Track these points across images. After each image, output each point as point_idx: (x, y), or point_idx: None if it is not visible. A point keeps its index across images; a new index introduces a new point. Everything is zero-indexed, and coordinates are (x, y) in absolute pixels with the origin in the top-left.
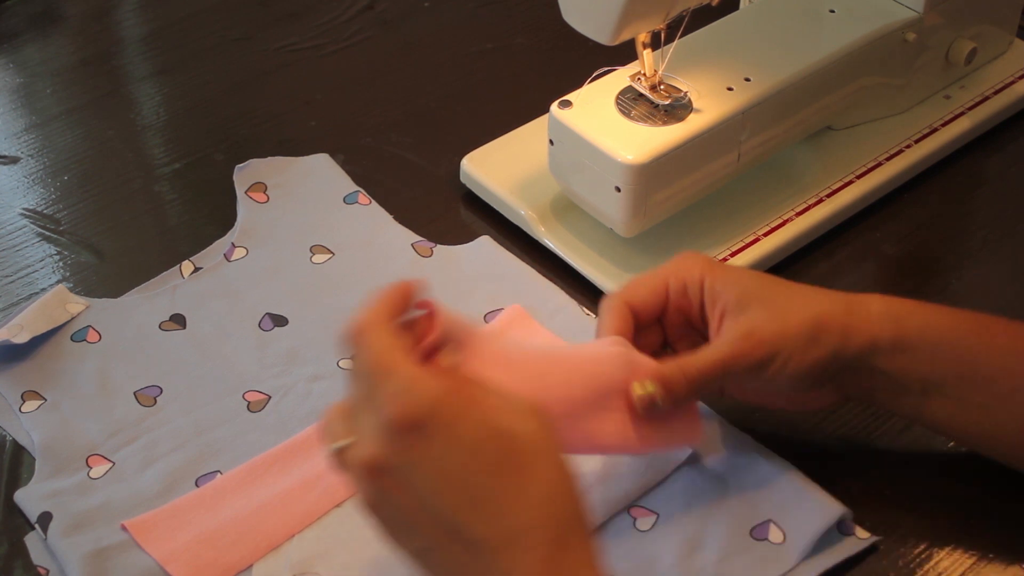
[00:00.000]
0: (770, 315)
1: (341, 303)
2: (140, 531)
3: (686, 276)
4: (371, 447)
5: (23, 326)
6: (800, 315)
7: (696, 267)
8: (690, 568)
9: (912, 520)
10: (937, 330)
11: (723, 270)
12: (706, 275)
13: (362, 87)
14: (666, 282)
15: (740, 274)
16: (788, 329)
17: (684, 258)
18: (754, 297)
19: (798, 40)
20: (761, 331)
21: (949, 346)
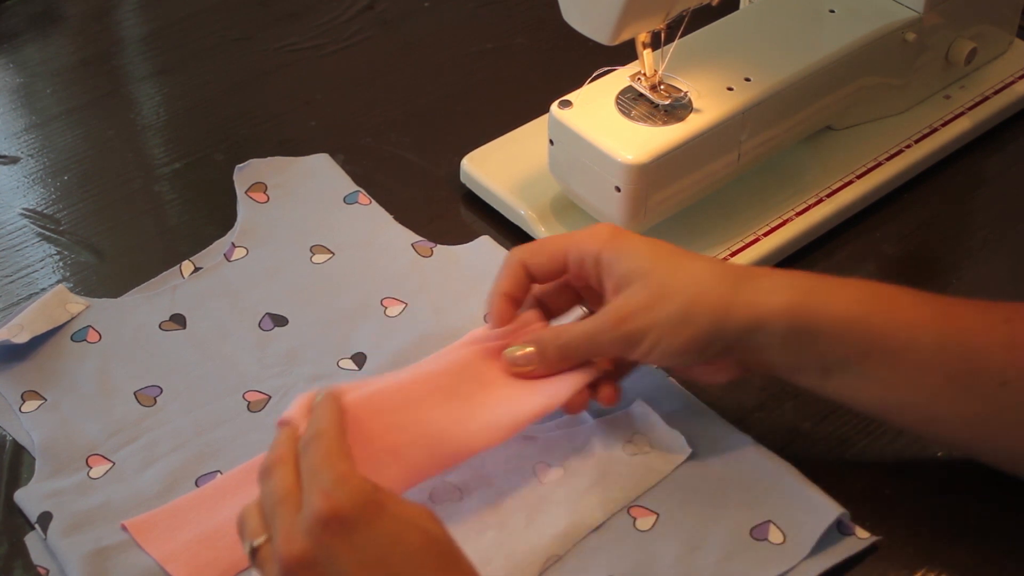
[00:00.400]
0: (645, 293)
1: (341, 303)
2: (140, 531)
3: (584, 249)
4: (298, 541)
5: (23, 326)
6: (674, 294)
7: (595, 242)
8: (690, 568)
9: (912, 520)
10: (833, 311)
11: (619, 244)
12: (603, 250)
13: (362, 87)
14: (566, 252)
15: (634, 248)
16: (657, 309)
17: (591, 231)
18: (638, 273)
19: (798, 40)
20: (630, 309)
21: (850, 326)
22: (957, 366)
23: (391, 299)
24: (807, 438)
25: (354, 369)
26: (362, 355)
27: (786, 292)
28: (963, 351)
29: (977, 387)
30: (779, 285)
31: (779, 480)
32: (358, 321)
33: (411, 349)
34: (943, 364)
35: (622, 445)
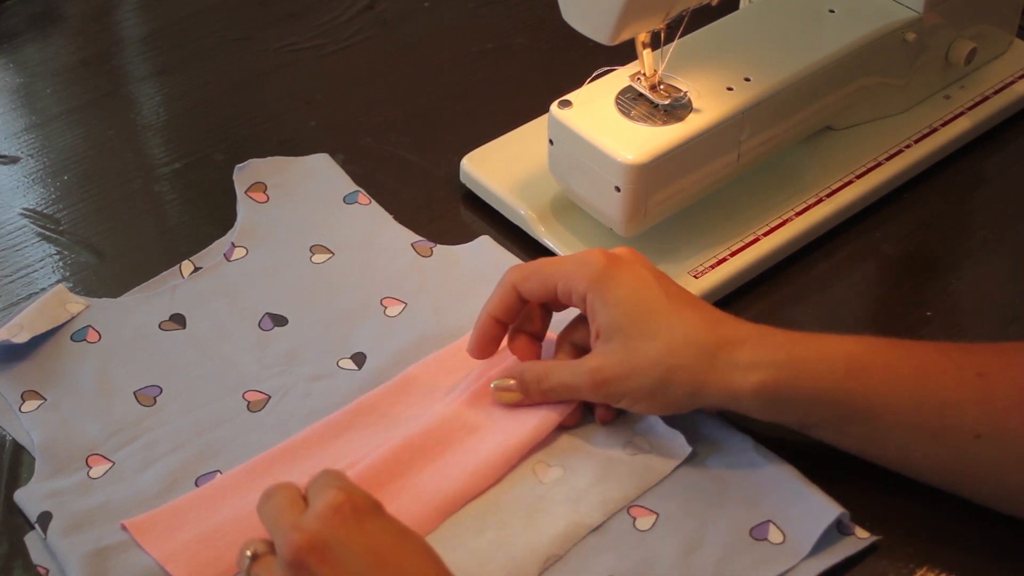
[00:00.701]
0: (622, 356)
1: (341, 303)
2: (140, 531)
3: (572, 286)
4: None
5: (23, 326)
6: (649, 367)
7: (583, 281)
8: (690, 568)
9: (912, 520)
10: (810, 380)
11: (605, 290)
12: (589, 292)
13: (362, 87)
14: (555, 282)
15: (618, 297)
16: (633, 378)
17: (581, 263)
18: (618, 330)
19: (798, 40)
20: (608, 371)
21: (822, 394)
22: (932, 423)
23: (391, 299)
24: (807, 438)
25: (354, 369)
26: (362, 355)
27: (760, 371)
28: (938, 408)
29: (952, 441)
30: (754, 362)
31: (779, 480)
32: (358, 321)
33: (411, 349)
34: (918, 422)
35: (622, 445)
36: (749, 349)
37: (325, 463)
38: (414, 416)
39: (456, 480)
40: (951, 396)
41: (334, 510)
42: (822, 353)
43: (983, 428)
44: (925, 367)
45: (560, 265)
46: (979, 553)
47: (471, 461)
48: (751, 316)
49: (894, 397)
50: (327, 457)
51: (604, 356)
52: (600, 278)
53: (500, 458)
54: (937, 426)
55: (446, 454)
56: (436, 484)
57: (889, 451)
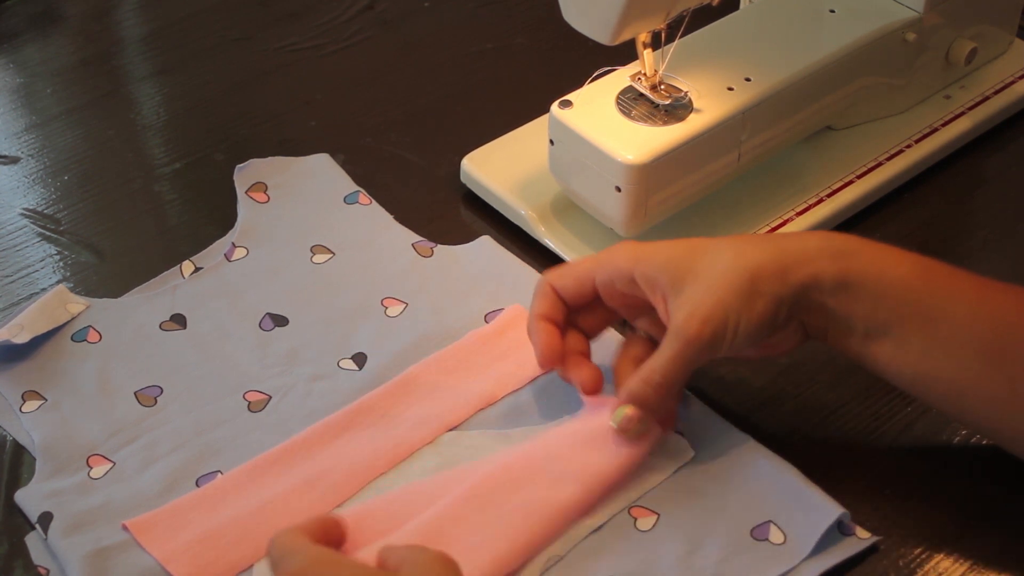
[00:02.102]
0: (704, 288)
1: (341, 303)
2: (141, 531)
3: (612, 272)
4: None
5: (23, 326)
6: (733, 275)
7: (622, 261)
8: (690, 568)
9: (912, 520)
10: (879, 270)
11: (648, 256)
12: (634, 268)
13: (362, 87)
14: (592, 276)
15: (666, 253)
16: (726, 295)
17: (611, 253)
18: (685, 273)
19: (798, 40)
20: (701, 309)
21: (891, 287)
22: (988, 341)
23: (391, 299)
24: (807, 438)
25: (354, 369)
26: (362, 355)
27: (830, 251)
28: (995, 326)
29: (1006, 364)
30: (822, 243)
31: (779, 480)
32: (358, 321)
33: (411, 349)
34: (975, 337)
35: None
36: (817, 235)
37: (326, 463)
38: (415, 417)
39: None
40: (1008, 317)
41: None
42: (892, 251)
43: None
44: (987, 287)
45: (593, 259)
46: (979, 553)
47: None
48: None
49: (953, 304)
50: (328, 457)
51: (688, 302)
52: (638, 252)
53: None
54: (994, 345)
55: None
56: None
57: (943, 370)
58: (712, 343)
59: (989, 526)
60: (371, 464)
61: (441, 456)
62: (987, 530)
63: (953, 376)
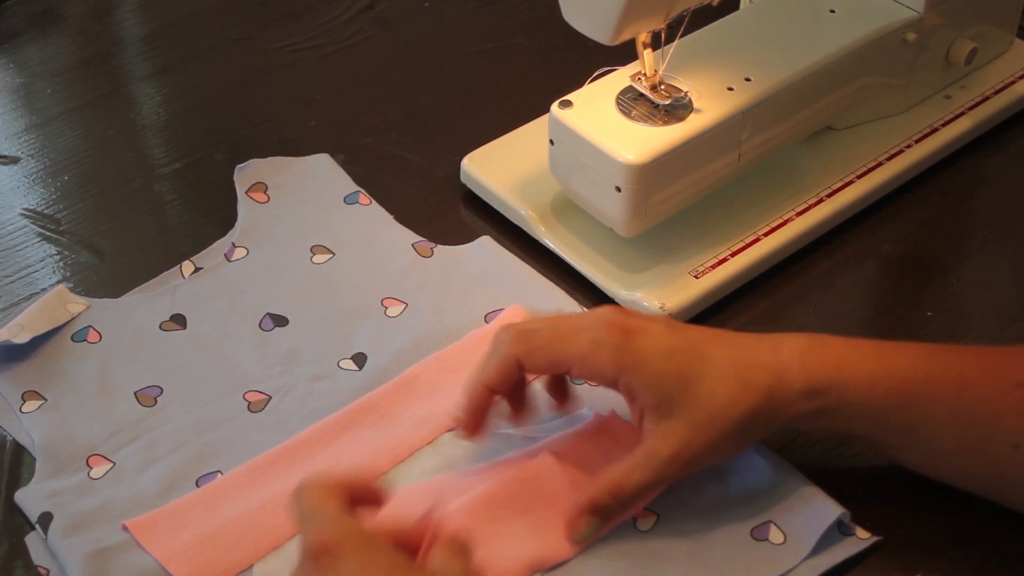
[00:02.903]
0: (695, 429)
1: (342, 303)
2: (141, 531)
3: (594, 370)
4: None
5: (23, 326)
6: (727, 422)
7: (608, 366)
8: (691, 568)
9: (912, 520)
10: (854, 399)
11: (638, 371)
12: (621, 377)
13: (362, 87)
14: (568, 366)
15: (657, 375)
16: (716, 439)
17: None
18: (674, 404)
19: (798, 40)
20: (689, 450)
21: (866, 411)
22: (970, 434)
23: (391, 299)
24: (807, 438)
25: (354, 369)
26: (362, 355)
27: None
28: (975, 420)
29: (989, 452)
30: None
31: (779, 480)
32: (358, 321)
33: (411, 349)
34: (957, 434)
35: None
36: (798, 374)
37: (326, 463)
38: (415, 417)
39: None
40: (989, 407)
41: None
42: (867, 371)
43: (1021, 438)
44: (964, 379)
45: (571, 344)
46: (979, 553)
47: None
48: (752, 316)
49: (932, 410)
50: (328, 457)
51: (675, 437)
52: (626, 360)
53: None
54: (975, 438)
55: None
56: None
57: (928, 462)
58: (687, 472)
59: (989, 526)
60: (371, 464)
61: (441, 456)
62: (987, 530)
63: (936, 467)
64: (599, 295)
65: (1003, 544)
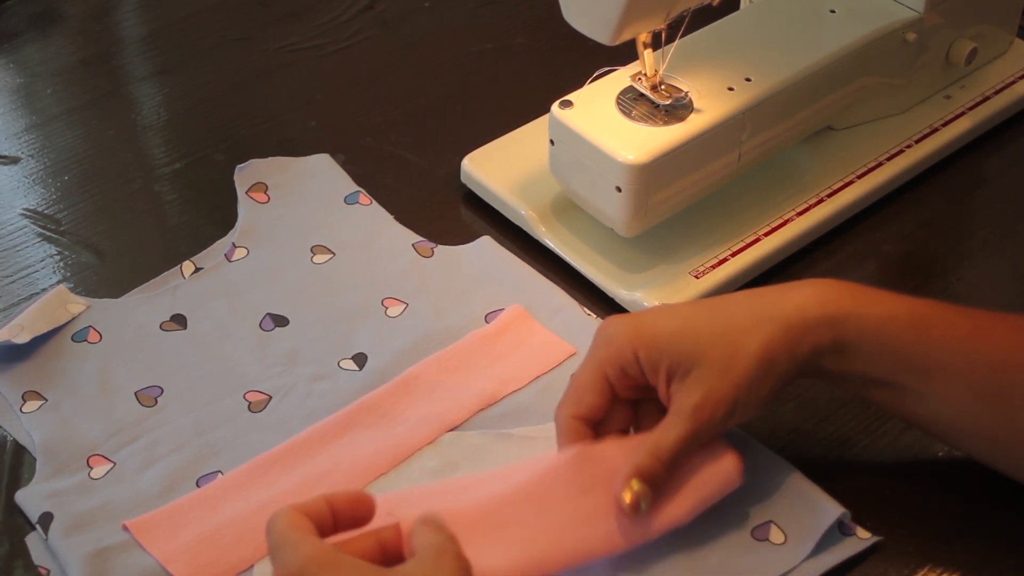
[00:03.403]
0: (717, 371)
1: (342, 303)
2: (141, 531)
3: (620, 360)
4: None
5: (24, 326)
6: (747, 357)
7: (626, 345)
8: (691, 568)
9: (912, 520)
10: (872, 332)
11: (651, 335)
12: (638, 349)
13: (362, 87)
14: (605, 374)
15: (669, 333)
16: (740, 378)
17: (609, 339)
18: (693, 355)
19: (798, 40)
20: (715, 393)
21: (884, 345)
22: (984, 384)
23: (392, 299)
24: (808, 438)
25: (355, 369)
26: (363, 355)
27: (826, 320)
28: (991, 369)
29: (1004, 404)
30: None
31: (780, 480)
32: (359, 321)
33: (411, 349)
34: (971, 383)
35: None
36: (812, 300)
37: (326, 463)
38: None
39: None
40: (1005, 358)
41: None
42: (885, 305)
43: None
44: (982, 327)
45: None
46: (979, 553)
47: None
48: None
49: (948, 355)
50: (328, 457)
51: (698, 386)
52: (636, 331)
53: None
54: (991, 388)
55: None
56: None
57: (943, 414)
58: (723, 423)
59: (989, 526)
60: (372, 464)
61: (442, 456)
62: (987, 530)
63: (951, 419)
64: (599, 295)
65: (1003, 544)
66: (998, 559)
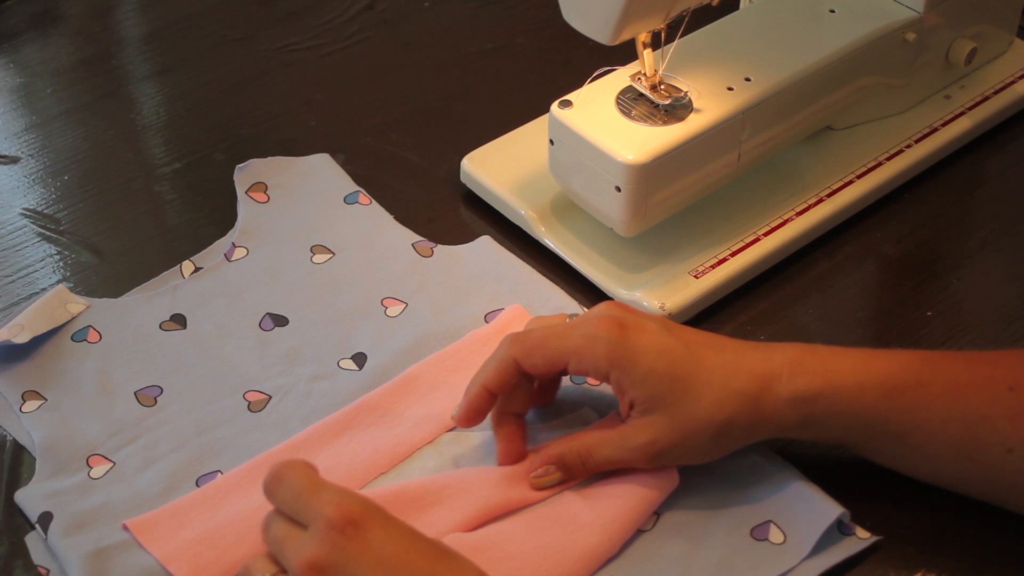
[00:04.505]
0: (672, 424)
1: (342, 303)
2: (141, 531)
3: (588, 366)
4: (313, 549)
5: (23, 326)
6: (705, 424)
7: (602, 360)
8: (691, 568)
9: (912, 520)
10: (843, 405)
11: (630, 366)
12: (613, 371)
13: (362, 87)
14: (565, 363)
15: (647, 371)
16: (688, 440)
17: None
18: (657, 401)
19: (798, 40)
20: (664, 440)
21: (856, 416)
22: (963, 439)
23: (391, 299)
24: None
25: (354, 369)
26: (362, 355)
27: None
28: (967, 424)
29: (983, 456)
30: (795, 396)
31: (779, 480)
32: (358, 321)
33: (411, 349)
34: (949, 439)
35: None
36: (786, 383)
37: (326, 463)
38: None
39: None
40: (981, 412)
41: (338, 530)
42: (857, 377)
43: (1014, 442)
44: (955, 384)
45: (566, 340)
46: (979, 553)
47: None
48: (751, 316)
49: (924, 416)
50: (328, 457)
51: (652, 429)
52: (619, 355)
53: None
54: (968, 442)
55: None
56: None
57: (922, 468)
58: (659, 462)
59: (989, 526)
60: (371, 464)
61: (441, 456)
62: (987, 530)
63: (931, 472)
64: (599, 295)
65: (1003, 544)
66: (998, 559)
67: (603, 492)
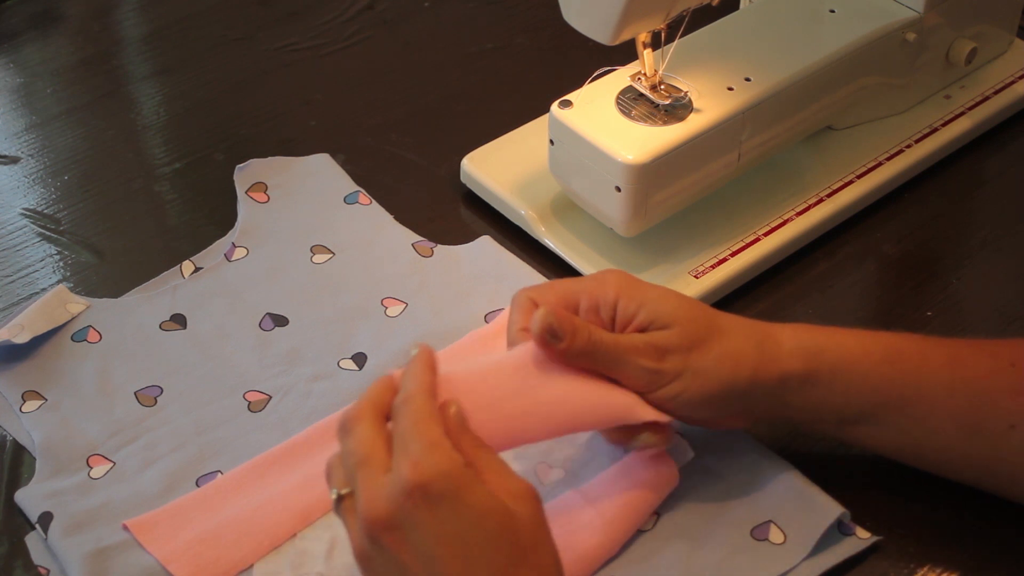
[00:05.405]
0: (684, 339)
1: (342, 303)
2: (141, 530)
3: (599, 296)
4: (382, 504)
5: (24, 326)
6: (713, 345)
7: (612, 288)
8: (691, 568)
9: (913, 520)
10: (848, 364)
11: (639, 291)
12: (620, 296)
13: (362, 87)
14: (578, 298)
15: (656, 296)
16: (697, 355)
17: (602, 277)
18: (669, 318)
19: (798, 40)
20: (671, 345)
21: (860, 379)
22: (966, 411)
23: (391, 299)
24: (808, 438)
25: (354, 369)
26: (362, 355)
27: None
28: (970, 397)
29: (986, 431)
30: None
31: (780, 480)
32: (358, 321)
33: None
34: (952, 410)
35: (624, 450)
36: (791, 335)
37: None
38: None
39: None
40: (984, 385)
41: (407, 494)
42: (860, 341)
43: (1016, 418)
44: (958, 356)
45: (577, 281)
46: (979, 553)
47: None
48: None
49: (928, 384)
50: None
51: (665, 336)
52: (627, 283)
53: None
54: (971, 416)
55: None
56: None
57: (925, 445)
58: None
59: (989, 526)
60: None
61: None
62: (987, 530)
63: (935, 448)
64: None
65: (1003, 543)
66: (998, 559)
67: (603, 492)
